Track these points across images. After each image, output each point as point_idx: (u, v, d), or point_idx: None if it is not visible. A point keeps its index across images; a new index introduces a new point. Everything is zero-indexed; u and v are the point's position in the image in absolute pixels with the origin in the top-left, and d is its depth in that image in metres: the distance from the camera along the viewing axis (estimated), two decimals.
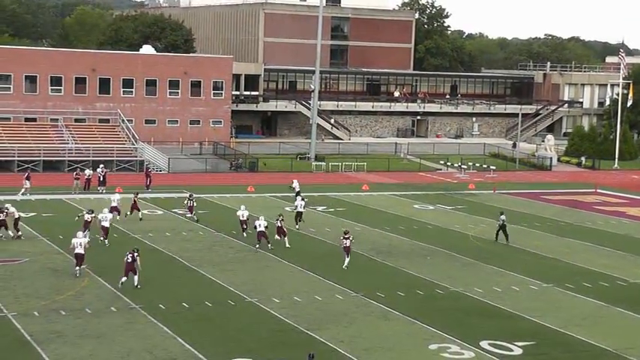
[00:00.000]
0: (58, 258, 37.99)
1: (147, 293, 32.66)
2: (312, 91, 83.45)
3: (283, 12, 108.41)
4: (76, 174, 57.73)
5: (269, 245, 41.16)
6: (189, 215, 48.06)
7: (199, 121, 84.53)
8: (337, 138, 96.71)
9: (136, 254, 33.54)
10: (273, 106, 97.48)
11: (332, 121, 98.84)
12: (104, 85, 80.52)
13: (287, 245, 41.56)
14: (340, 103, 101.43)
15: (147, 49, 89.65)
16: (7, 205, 41.85)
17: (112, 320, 29.22)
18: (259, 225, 41.04)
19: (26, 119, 75.75)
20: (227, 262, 38.70)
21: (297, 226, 46.44)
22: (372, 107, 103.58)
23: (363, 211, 53.81)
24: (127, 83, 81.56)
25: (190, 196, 48.67)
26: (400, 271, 38.35)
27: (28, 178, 54.73)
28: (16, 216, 41.47)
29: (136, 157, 70.79)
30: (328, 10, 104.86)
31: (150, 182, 58.64)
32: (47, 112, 76.69)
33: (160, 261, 38.60)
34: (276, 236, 41.81)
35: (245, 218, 43.69)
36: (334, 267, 38.27)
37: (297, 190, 54.25)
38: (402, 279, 36.84)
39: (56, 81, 78.87)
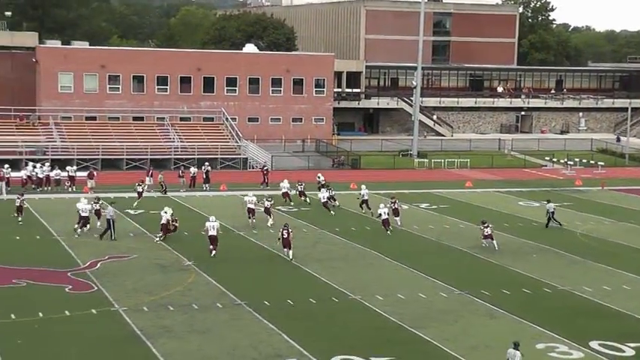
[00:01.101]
0: (166, 254, 38.69)
1: (252, 290, 32.98)
2: (414, 87, 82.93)
3: (385, 9, 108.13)
4: (182, 172, 58.85)
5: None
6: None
7: (301, 118, 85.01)
8: (440, 134, 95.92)
9: (290, 230, 37.77)
10: (375, 103, 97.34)
11: (434, 117, 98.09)
12: (208, 84, 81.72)
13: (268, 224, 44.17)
14: (442, 99, 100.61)
15: (250, 48, 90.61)
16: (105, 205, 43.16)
17: (218, 316, 29.61)
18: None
19: (134, 118, 77.50)
20: (330, 259, 38.78)
21: (363, 212, 48.88)
22: (475, 103, 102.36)
23: (467, 208, 53.18)
24: (231, 82, 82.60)
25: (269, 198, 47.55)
26: (505, 268, 37.77)
27: (150, 175, 56.60)
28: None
29: (240, 154, 71.63)
30: (430, 5, 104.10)
31: (267, 180, 59.10)
32: (154, 112, 78.30)
33: (264, 258, 38.93)
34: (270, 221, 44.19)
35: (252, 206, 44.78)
36: (438, 264, 37.98)
37: (322, 182, 54.17)
38: (507, 277, 36.27)
39: (162, 81, 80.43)
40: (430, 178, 67.57)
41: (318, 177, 56.34)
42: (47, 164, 58.57)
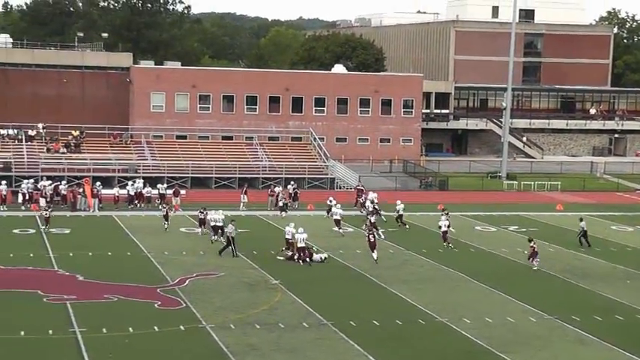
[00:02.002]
0: (253, 273, 38.97)
1: (338, 310, 32.95)
2: (504, 108, 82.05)
3: (474, 29, 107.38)
4: (270, 191, 59.34)
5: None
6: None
7: (389, 139, 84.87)
8: (529, 156, 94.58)
9: (374, 232, 41.90)
10: (463, 124, 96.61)
11: (524, 139, 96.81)
12: (297, 104, 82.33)
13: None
14: (533, 120, 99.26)
15: (338, 68, 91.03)
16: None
17: (304, 335, 29.64)
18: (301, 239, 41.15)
19: (223, 137, 78.49)
20: (417, 281, 38.51)
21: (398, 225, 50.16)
22: (567, 125, 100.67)
23: (557, 232, 52.23)
24: (319, 102, 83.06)
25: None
26: (596, 294, 36.91)
27: (245, 193, 57.13)
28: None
29: (327, 174, 71.86)
30: (521, 26, 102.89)
31: (361, 200, 58.69)
32: (243, 131, 79.18)
33: (350, 278, 38.89)
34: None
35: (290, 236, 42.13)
36: (526, 288, 37.36)
37: (332, 204, 52.93)
38: (598, 302, 35.45)
39: (251, 100, 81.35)
40: (519, 200, 66.58)
41: (330, 200, 54.24)
42: (139, 181, 59.58)
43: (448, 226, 46.36)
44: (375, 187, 68.71)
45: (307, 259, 40.87)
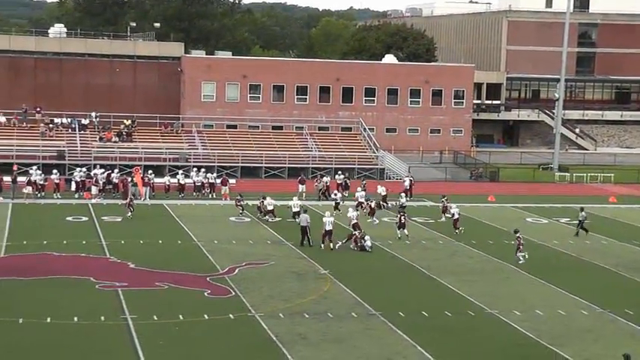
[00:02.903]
0: (301, 262, 39.04)
1: (386, 301, 32.87)
2: (557, 99, 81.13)
3: (527, 19, 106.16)
4: (317, 180, 59.47)
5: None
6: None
7: (440, 130, 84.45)
8: (582, 148, 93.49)
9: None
10: (515, 115, 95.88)
11: (577, 130, 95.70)
12: (347, 95, 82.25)
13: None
14: (586, 112, 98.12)
15: (389, 59, 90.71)
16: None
17: (353, 325, 29.62)
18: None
19: (273, 127, 78.71)
20: (466, 272, 38.27)
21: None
22: (621, 116, 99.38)
23: (610, 224, 51.55)
24: (369, 92, 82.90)
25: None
26: None
27: (302, 182, 57.48)
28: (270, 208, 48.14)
29: (377, 165, 71.71)
30: (575, 16, 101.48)
31: (411, 191, 58.66)
32: (293, 121, 79.33)
33: (399, 268, 38.80)
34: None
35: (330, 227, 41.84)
36: (578, 280, 36.93)
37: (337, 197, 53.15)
38: None
39: (302, 90, 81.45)
40: (571, 192, 65.86)
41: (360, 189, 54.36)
42: (202, 171, 59.91)
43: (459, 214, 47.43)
44: (424, 178, 68.60)
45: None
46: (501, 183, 69.74)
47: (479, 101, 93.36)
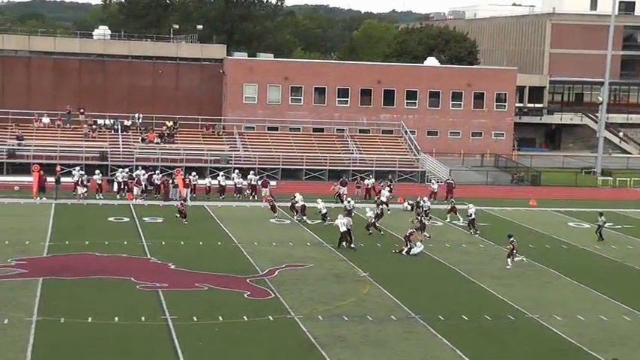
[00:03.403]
0: (341, 265, 39.03)
1: (426, 303, 32.76)
2: (600, 103, 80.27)
3: (571, 22, 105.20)
4: (357, 183, 59.42)
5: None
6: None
7: (481, 133, 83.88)
8: (626, 152, 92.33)
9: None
10: (557, 118, 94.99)
11: (620, 134, 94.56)
12: (388, 97, 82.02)
13: None
14: (630, 115, 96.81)
15: (431, 61, 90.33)
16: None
17: (392, 328, 29.54)
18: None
19: (314, 129, 78.75)
20: (507, 276, 38.00)
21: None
22: None
23: None
24: (411, 95, 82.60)
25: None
26: None
27: (343, 185, 57.53)
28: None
29: (418, 168, 71.48)
30: (620, 18, 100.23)
31: (452, 194, 58.39)
32: (334, 123, 79.32)
33: (439, 272, 38.64)
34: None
35: (346, 228, 42.21)
36: (621, 286, 36.52)
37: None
38: None
39: (343, 93, 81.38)
40: (614, 196, 65.12)
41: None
42: (250, 173, 60.23)
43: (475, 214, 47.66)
44: (465, 181, 68.23)
45: (351, 245, 42.04)
46: (543, 187, 69.14)
47: (521, 104, 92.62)
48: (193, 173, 58.96)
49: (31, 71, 79.40)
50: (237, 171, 61.72)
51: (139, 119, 73.31)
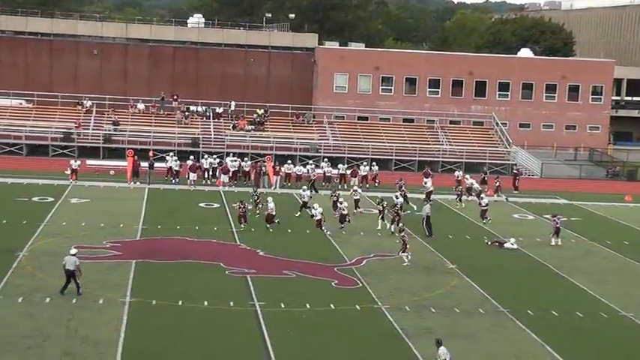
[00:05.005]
0: (429, 256, 38.77)
1: (515, 298, 32.30)
2: None
3: None
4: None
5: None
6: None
7: (575, 126, 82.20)
8: None
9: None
10: None
11: None
12: (480, 88, 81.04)
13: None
14: None
15: (525, 53, 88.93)
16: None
17: (480, 322, 29.22)
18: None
19: (404, 120, 78.39)
20: (600, 272, 37.22)
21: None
22: None
23: None
24: (503, 86, 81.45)
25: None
26: None
27: (426, 176, 57.10)
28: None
29: (509, 160, 70.52)
30: None
31: (517, 185, 58.08)
32: (424, 114, 78.80)
33: (530, 266, 38.06)
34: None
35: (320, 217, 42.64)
36: None
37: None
38: None
39: (434, 83, 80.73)
40: None
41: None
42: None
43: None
44: (558, 175, 67.08)
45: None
46: (639, 182, 67.44)
47: (618, 97, 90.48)
48: (289, 161, 59.34)
49: (127, 58, 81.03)
50: (326, 159, 61.89)
51: (229, 107, 74.09)
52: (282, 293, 31.30)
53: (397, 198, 46.19)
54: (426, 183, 54.13)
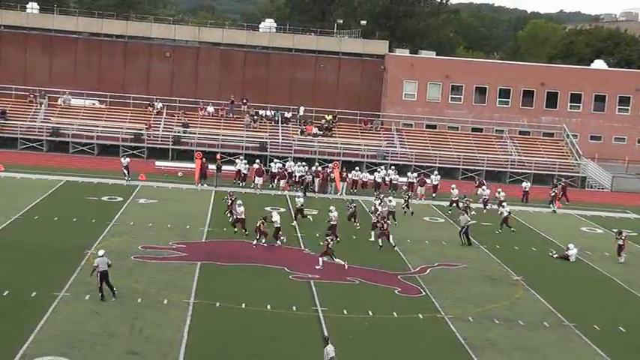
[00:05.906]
0: (495, 267, 38.43)
1: (582, 312, 31.83)
2: None
3: None
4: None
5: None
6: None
7: None
8: None
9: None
10: None
11: None
12: (551, 99, 79.98)
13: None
14: None
15: (598, 64, 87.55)
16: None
17: (545, 335, 28.85)
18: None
19: (473, 129, 77.80)
20: None
21: None
22: None
23: None
24: (575, 98, 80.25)
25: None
26: None
27: (480, 186, 57.10)
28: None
29: (578, 173, 69.49)
30: None
31: (566, 196, 57.46)
32: (493, 124, 78.08)
33: (596, 280, 37.51)
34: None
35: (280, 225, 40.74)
36: None
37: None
38: None
39: (504, 93, 79.93)
40: None
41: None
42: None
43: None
44: (629, 189, 65.85)
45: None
46: None
47: None
48: (357, 168, 59.40)
49: (199, 61, 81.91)
50: (393, 167, 61.75)
51: (301, 112, 74.40)
52: (344, 299, 31.31)
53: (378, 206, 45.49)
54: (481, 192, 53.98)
